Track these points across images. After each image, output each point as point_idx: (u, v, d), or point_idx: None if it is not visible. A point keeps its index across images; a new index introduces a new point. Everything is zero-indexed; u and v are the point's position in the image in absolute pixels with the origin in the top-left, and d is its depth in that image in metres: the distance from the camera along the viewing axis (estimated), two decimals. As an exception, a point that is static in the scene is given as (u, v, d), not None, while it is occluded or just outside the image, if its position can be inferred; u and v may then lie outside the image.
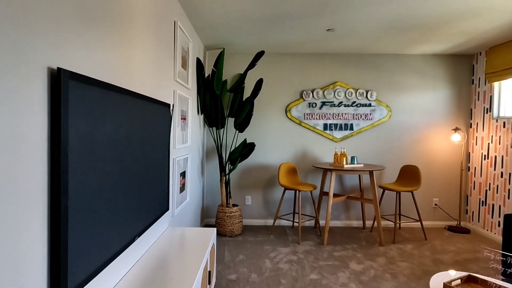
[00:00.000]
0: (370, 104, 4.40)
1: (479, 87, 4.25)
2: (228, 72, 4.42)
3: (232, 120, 4.44)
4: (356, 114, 4.41)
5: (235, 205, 4.07)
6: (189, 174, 3.31)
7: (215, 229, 2.57)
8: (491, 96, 4.04)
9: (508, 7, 2.76)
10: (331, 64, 4.42)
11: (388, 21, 3.15)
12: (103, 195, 1.30)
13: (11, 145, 0.89)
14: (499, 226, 3.86)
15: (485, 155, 4.11)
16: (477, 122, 4.27)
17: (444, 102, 4.41)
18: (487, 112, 4.10)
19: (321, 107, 4.41)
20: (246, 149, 4.04)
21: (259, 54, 3.68)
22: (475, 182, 4.29)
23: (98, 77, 1.38)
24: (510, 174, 3.70)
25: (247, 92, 4.40)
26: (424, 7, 2.78)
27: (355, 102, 4.41)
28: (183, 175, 3.02)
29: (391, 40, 3.76)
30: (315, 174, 4.47)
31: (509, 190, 3.71)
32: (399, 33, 3.50)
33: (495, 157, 3.93)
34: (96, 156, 1.23)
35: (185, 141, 3.11)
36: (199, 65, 3.68)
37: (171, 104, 2.62)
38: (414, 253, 3.46)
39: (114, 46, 1.53)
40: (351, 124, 4.42)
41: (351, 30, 3.44)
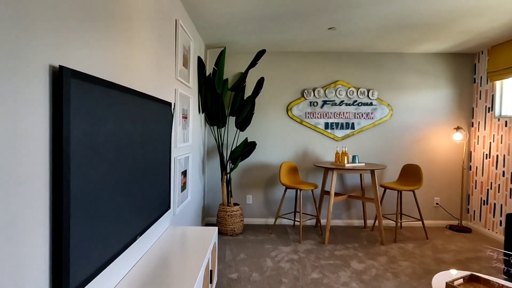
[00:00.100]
0: (371, 103, 4.39)
1: (481, 86, 4.24)
2: (229, 71, 4.41)
3: (233, 119, 4.43)
4: (357, 113, 4.40)
5: (236, 204, 4.06)
6: (190, 172, 3.30)
7: (216, 228, 2.56)
8: (493, 95, 4.02)
9: (510, 6, 2.74)
10: (332, 63, 4.41)
11: (390, 20, 3.14)
12: (105, 194, 1.30)
13: (12, 143, 0.89)
14: (500, 225, 3.85)
15: (486, 154, 4.10)
16: (478, 121, 4.26)
17: (445, 101, 4.40)
18: (489, 111, 4.08)
19: (322, 106, 4.40)
20: (247, 148, 4.03)
21: (260, 53, 3.67)
22: (476, 181, 4.28)
23: (100, 76, 1.38)
24: (512, 173, 3.70)
25: (248, 91, 4.39)
26: (426, 6, 2.77)
27: (356, 101, 4.40)
28: (184, 173, 3.02)
29: (392, 39, 3.75)
30: (316, 173, 4.47)
31: (510, 189, 3.70)
32: (401, 32, 3.49)
33: (497, 156, 3.92)
34: (97, 155, 1.23)
35: (186, 140, 3.10)
36: (200, 64, 3.67)
37: (173, 103, 2.61)
38: (416, 252, 3.45)
39: (115, 45, 1.52)
40: (352, 123, 4.41)
41: (352, 29, 3.43)
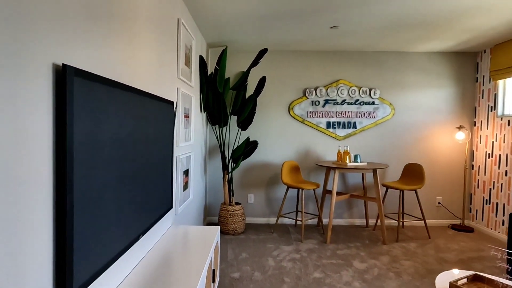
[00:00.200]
0: (373, 102, 4.38)
1: (483, 85, 4.22)
2: (230, 70, 4.40)
3: (235, 118, 4.42)
4: (359, 113, 4.39)
5: (237, 203, 4.06)
6: (192, 172, 3.29)
7: (218, 227, 2.56)
8: (495, 94, 4.01)
9: (514, 4, 2.73)
10: (334, 62, 4.40)
11: (392, 19, 3.12)
12: (108, 193, 1.29)
13: (16, 142, 0.88)
14: (503, 224, 3.84)
15: (489, 153, 4.09)
16: (481, 121, 4.24)
17: (448, 100, 4.38)
18: (491, 111, 4.07)
19: (324, 105, 4.39)
20: (249, 147, 4.02)
21: (262, 52, 3.66)
22: (479, 180, 4.26)
23: (102, 74, 1.37)
24: (515, 172, 3.68)
25: (250, 90, 4.38)
26: (429, 5, 2.76)
27: (358, 100, 4.39)
28: (186, 173, 3.01)
29: (395, 37, 3.74)
30: (318, 172, 4.46)
31: (513, 188, 3.69)
32: (403, 30, 3.47)
33: (500, 155, 3.91)
34: (100, 153, 1.22)
35: (188, 139, 3.10)
36: (202, 63, 3.66)
37: (175, 102, 2.60)
38: (418, 251, 3.45)
39: (118, 43, 1.52)
40: (354, 123, 4.40)
41: (355, 28, 3.42)
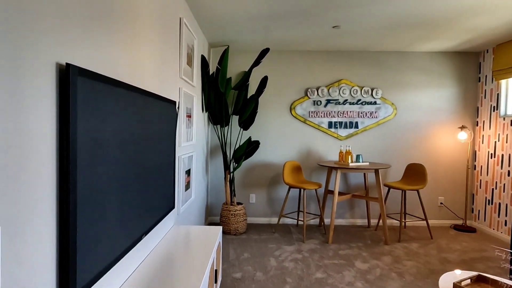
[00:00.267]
0: (375, 102, 4.37)
1: (485, 85, 4.21)
2: (232, 70, 4.39)
3: (237, 118, 4.42)
4: (361, 112, 4.38)
5: (239, 203, 4.05)
6: (194, 172, 3.29)
7: (221, 227, 2.55)
8: (498, 94, 3.99)
9: (517, 3, 2.72)
10: (336, 61, 4.39)
11: (394, 18, 3.11)
12: (111, 193, 1.29)
13: (19, 141, 0.88)
14: (505, 225, 3.82)
15: (491, 153, 4.07)
16: (483, 121, 4.23)
17: (450, 100, 4.37)
18: (494, 110, 4.05)
19: (326, 105, 4.39)
20: (251, 147, 4.02)
21: (264, 52, 3.65)
22: (481, 180, 4.25)
23: (105, 74, 1.36)
24: (517, 172, 3.67)
25: (252, 90, 4.37)
26: (430, 5, 2.75)
27: (360, 100, 4.37)
28: (188, 173, 3.01)
29: (397, 37, 3.73)
30: (319, 172, 4.45)
31: (516, 188, 3.68)
32: (405, 30, 3.46)
33: (502, 155, 3.89)
34: (103, 153, 1.22)
35: (190, 139, 3.09)
36: (204, 62, 3.66)
37: (177, 102, 2.60)
38: (420, 252, 3.43)
39: (120, 43, 1.51)
40: (356, 123, 4.39)
41: (357, 27, 3.41)
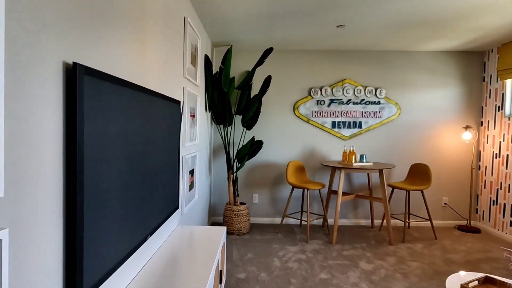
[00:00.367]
0: (379, 102, 4.35)
1: (490, 84, 4.18)
2: (235, 69, 4.38)
3: (240, 118, 4.40)
4: (365, 112, 4.36)
5: (242, 203, 4.04)
6: (197, 171, 3.28)
7: (225, 228, 2.54)
8: (503, 94, 3.97)
9: (524, 2, 2.69)
10: (339, 61, 4.37)
11: (398, 18, 3.09)
12: (117, 193, 1.28)
13: (26, 141, 0.87)
14: (510, 225, 3.80)
15: (496, 154, 4.05)
16: (488, 120, 4.20)
17: (454, 100, 4.35)
18: (498, 110, 4.03)
19: (329, 105, 4.37)
20: (254, 147, 4.00)
21: (268, 51, 3.64)
22: (485, 180, 4.22)
23: (111, 73, 1.35)
24: (523, 172, 3.64)
25: (255, 90, 4.36)
26: (436, 4, 2.73)
27: (363, 99, 4.36)
28: (191, 173, 3.00)
29: (401, 36, 3.70)
30: (322, 172, 4.43)
31: (521, 189, 3.65)
32: (409, 29, 3.44)
33: (507, 155, 3.87)
34: (109, 153, 1.21)
35: (194, 139, 3.08)
36: (207, 62, 3.65)
37: (181, 101, 2.59)
38: (425, 252, 3.42)
39: (126, 42, 1.50)
40: (360, 122, 4.37)
41: (361, 27, 3.39)
